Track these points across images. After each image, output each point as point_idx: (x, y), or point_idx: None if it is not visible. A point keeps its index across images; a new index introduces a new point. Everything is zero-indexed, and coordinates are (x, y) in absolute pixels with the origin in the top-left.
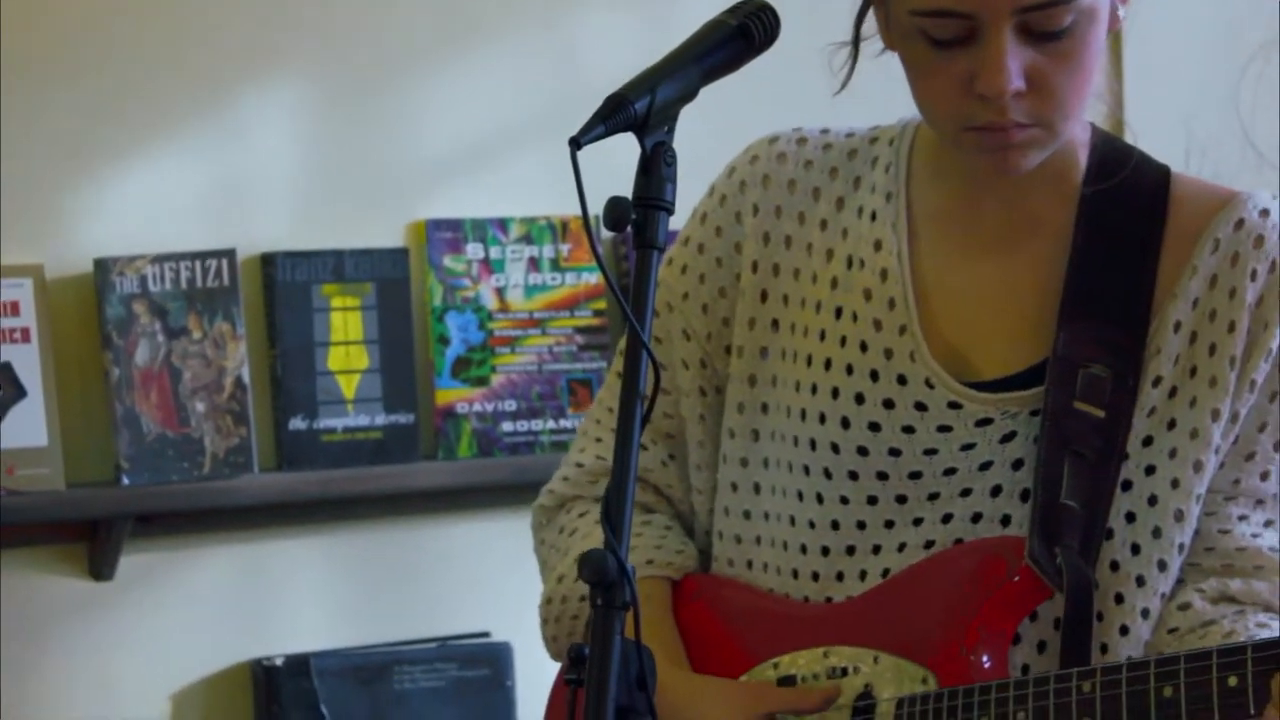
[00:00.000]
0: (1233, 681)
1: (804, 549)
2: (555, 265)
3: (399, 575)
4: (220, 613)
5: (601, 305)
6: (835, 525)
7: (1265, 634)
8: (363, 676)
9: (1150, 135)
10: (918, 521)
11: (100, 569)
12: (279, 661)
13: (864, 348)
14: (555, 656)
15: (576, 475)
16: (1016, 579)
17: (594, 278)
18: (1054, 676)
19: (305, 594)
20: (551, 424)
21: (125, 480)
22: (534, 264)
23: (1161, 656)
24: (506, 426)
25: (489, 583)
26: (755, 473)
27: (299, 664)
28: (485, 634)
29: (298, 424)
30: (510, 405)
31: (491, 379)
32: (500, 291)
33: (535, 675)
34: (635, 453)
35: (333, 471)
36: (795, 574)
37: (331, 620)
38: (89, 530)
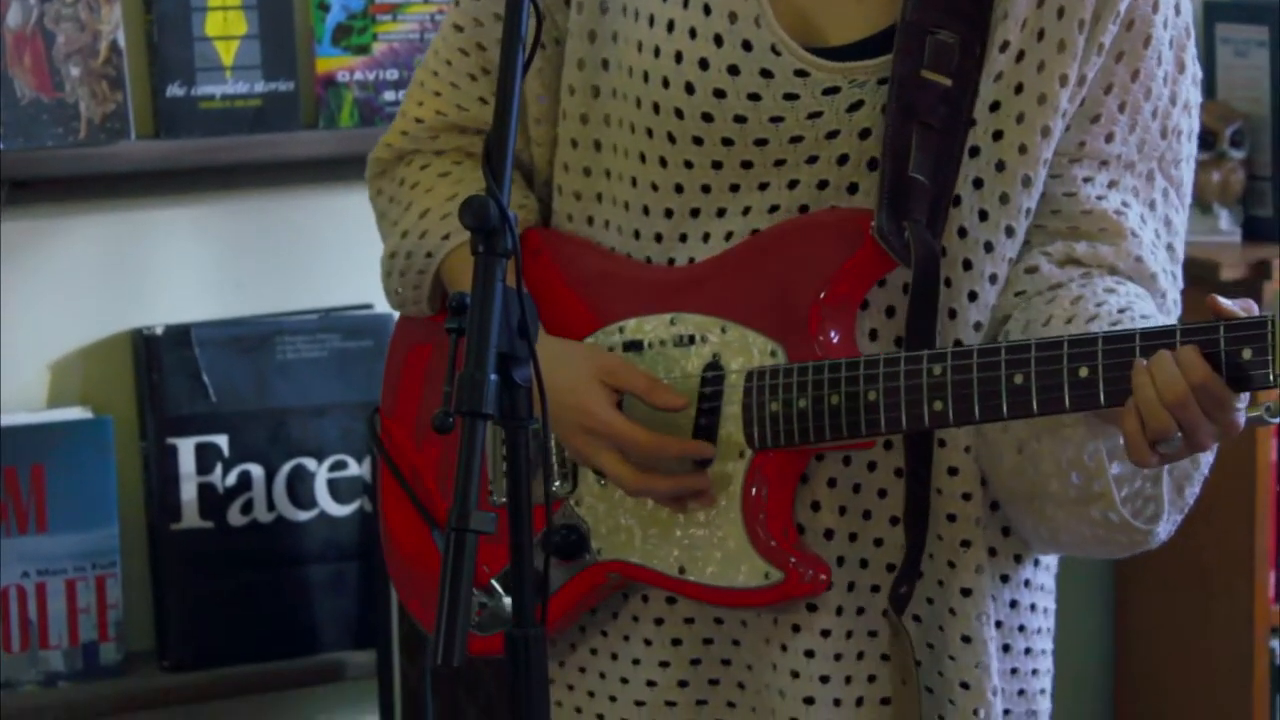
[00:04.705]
0: (1084, 373)
1: (646, 210)
2: None
3: (280, 246)
4: (98, 282)
5: None
6: (679, 189)
7: (1113, 299)
8: (244, 346)
9: None
10: (763, 186)
11: None
12: (159, 331)
13: (708, 10)
14: (398, 307)
15: (416, 130)
16: (863, 252)
17: None
18: (904, 358)
19: (185, 264)
20: None
21: None
22: None
23: (1011, 344)
24: (389, 95)
25: (372, 254)
26: (595, 130)
27: (180, 334)
28: (368, 305)
29: (175, 91)
30: (392, 74)
31: (373, 47)
32: None
33: None
34: (516, 98)
35: (211, 139)
36: (637, 234)
37: (212, 290)
38: None
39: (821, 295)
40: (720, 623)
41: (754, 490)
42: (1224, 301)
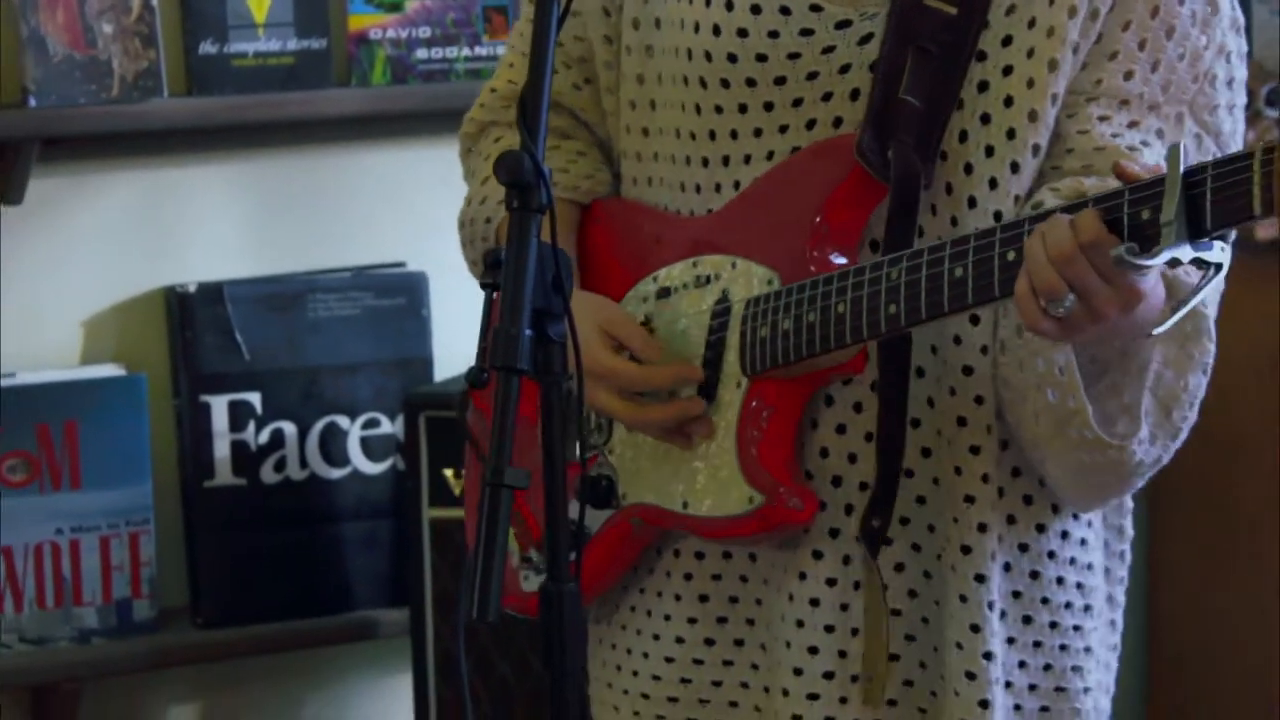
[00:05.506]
0: (1011, 256)
1: (689, 161)
2: None
3: (313, 203)
4: (132, 239)
5: None
6: (712, 135)
7: None
8: (277, 304)
9: None
10: (783, 129)
11: (8, 193)
12: (192, 288)
13: None
14: (479, 281)
15: (491, 100)
16: (854, 175)
17: None
18: (869, 266)
19: (218, 221)
20: (466, 51)
21: (32, 102)
22: None
23: (957, 237)
24: (420, 53)
25: (404, 212)
26: (650, 89)
27: (213, 291)
28: (401, 264)
29: (208, 48)
30: (424, 31)
31: (405, 4)
32: None
33: (450, 304)
34: (551, 49)
35: (244, 97)
36: (683, 187)
37: (245, 248)
38: None
39: (815, 220)
40: (745, 580)
41: (749, 417)
42: (1130, 165)
